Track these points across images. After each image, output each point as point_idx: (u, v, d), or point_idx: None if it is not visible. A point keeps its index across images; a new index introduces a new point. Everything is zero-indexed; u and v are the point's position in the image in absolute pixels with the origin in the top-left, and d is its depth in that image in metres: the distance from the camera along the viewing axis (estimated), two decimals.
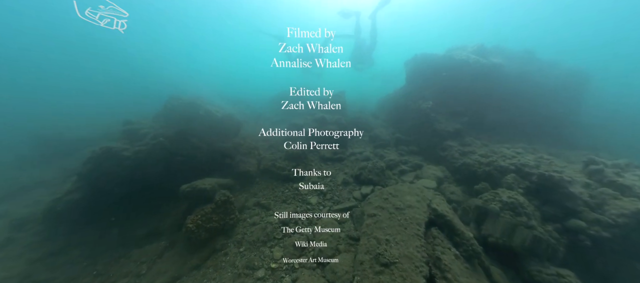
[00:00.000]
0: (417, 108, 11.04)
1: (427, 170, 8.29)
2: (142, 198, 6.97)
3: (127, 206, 6.98)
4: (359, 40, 23.14)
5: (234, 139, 8.94)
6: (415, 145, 10.59)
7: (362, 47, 23.15)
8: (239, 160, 7.96)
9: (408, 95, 12.75)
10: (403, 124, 12.35)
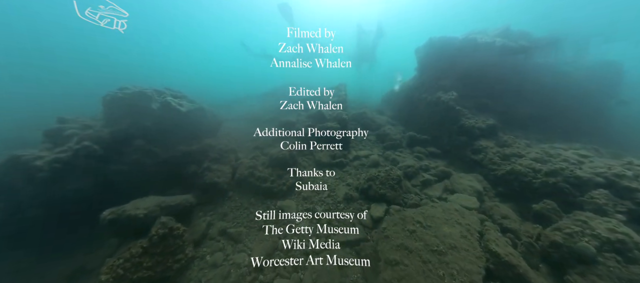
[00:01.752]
0: (436, 100, 8.97)
1: (459, 180, 6.21)
2: (63, 224, 4.96)
3: (44, 234, 4.98)
4: (362, 39, 21.65)
5: (205, 140, 6.90)
6: (436, 145, 8.52)
7: (365, 45, 21.74)
8: (206, 167, 5.92)
9: (421, 86, 10.69)
10: (416, 120, 10.28)
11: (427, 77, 10.31)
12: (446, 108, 8.39)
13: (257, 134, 10.51)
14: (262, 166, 6.22)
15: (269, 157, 6.28)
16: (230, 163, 6.42)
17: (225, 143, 6.98)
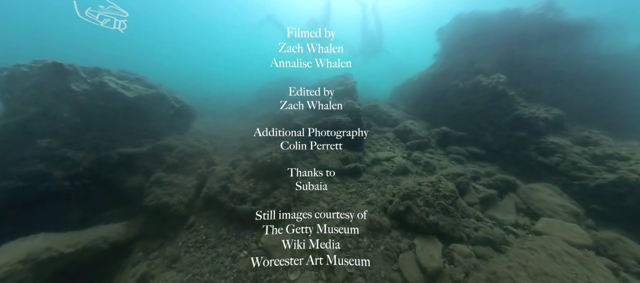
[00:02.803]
0: (474, 87, 6.95)
1: (534, 195, 4.17)
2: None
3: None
4: (367, 31, 20.21)
5: (165, 139, 4.87)
6: (476, 143, 6.48)
7: (370, 37, 20.36)
8: (155, 180, 3.88)
9: (448, 72, 8.66)
10: (443, 113, 8.24)
11: (457, 60, 8.30)
12: (492, 95, 6.35)
13: (246, 131, 8.54)
14: (242, 177, 4.18)
15: (252, 163, 4.23)
16: (197, 173, 4.38)
17: (193, 143, 4.92)
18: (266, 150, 4.29)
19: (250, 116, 11.65)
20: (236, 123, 10.81)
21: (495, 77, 6.45)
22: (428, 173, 5.37)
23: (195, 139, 5.18)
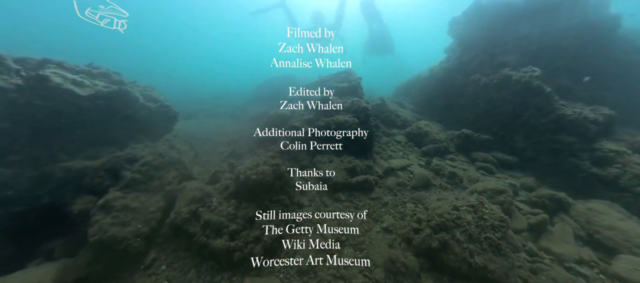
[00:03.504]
0: (501, 82, 5.99)
1: (596, 219, 3.23)
2: None
3: None
4: (373, 28, 19.21)
5: (128, 147, 3.93)
6: (504, 149, 5.55)
7: (377, 35, 19.39)
8: (103, 204, 2.95)
9: (464, 66, 7.71)
10: (460, 113, 7.32)
11: (476, 53, 7.32)
12: (524, 92, 5.40)
13: (238, 133, 7.59)
14: (222, 196, 3.23)
15: (235, 178, 3.28)
16: (165, 191, 3.44)
17: (164, 151, 3.97)
18: (253, 162, 3.34)
19: (244, 116, 10.70)
20: (229, 124, 9.87)
21: (528, 70, 5.49)
22: (453, 187, 4.43)
23: (169, 145, 4.24)
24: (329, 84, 7.59)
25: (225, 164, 4.73)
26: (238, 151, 5.80)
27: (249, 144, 6.10)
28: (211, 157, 5.73)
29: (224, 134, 8.02)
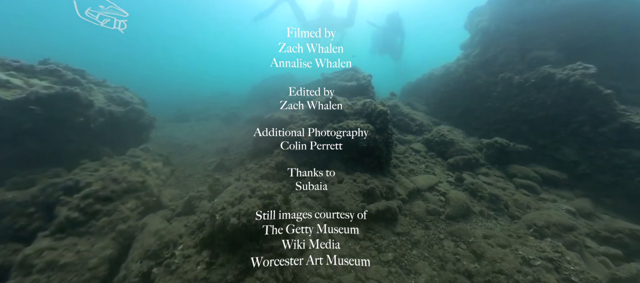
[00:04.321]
0: (542, 81, 5.05)
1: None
2: None
3: None
4: (391, 36, 18.87)
5: (83, 167, 2.96)
6: (548, 161, 4.60)
7: (387, 36, 19.02)
8: (22, 264, 1.95)
9: (489, 63, 6.76)
10: (484, 116, 6.38)
11: (503, 47, 6.37)
12: (573, 93, 4.45)
13: (228, 140, 6.64)
14: (192, 243, 2.26)
15: (210, 219, 2.30)
16: (115, 232, 2.46)
17: (121, 174, 2.99)
18: (236, 192, 2.37)
19: (238, 120, 9.73)
20: (221, 128, 8.90)
21: (577, 67, 4.53)
22: (498, 214, 3.48)
23: (132, 163, 3.25)
24: (333, 83, 6.64)
25: (207, 183, 3.76)
26: (227, 163, 4.83)
27: (240, 154, 5.13)
28: (194, 170, 4.76)
29: (213, 140, 7.05)
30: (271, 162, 3.77)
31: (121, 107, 4.11)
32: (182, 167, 4.94)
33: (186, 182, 4.18)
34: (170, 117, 11.40)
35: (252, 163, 4.22)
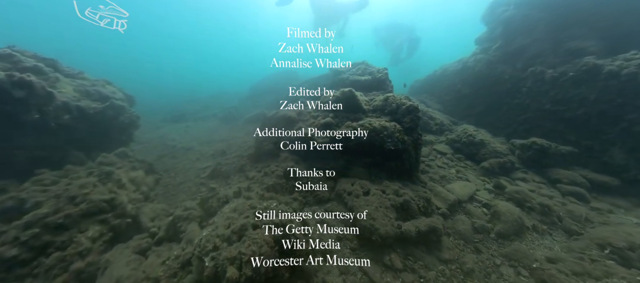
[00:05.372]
0: (584, 75, 4.44)
1: None
2: None
3: None
4: None
5: (33, 182, 2.24)
6: (593, 165, 3.99)
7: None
8: None
9: (511, 57, 6.17)
10: (509, 115, 5.77)
11: (532, 39, 5.77)
12: (623, 88, 3.84)
13: (226, 141, 5.95)
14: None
15: (197, 259, 1.60)
16: (70, 271, 1.75)
17: (83, 190, 2.28)
18: (235, 220, 1.70)
19: (237, 118, 9.02)
20: (219, 128, 8.19)
21: (634, 56, 3.92)
22: (552, 229, 2.86)
23: (102, 174, 2.53)
24: (344, 78, 5.99)
25: (200, 195, 3.07)
26: (223, 168, 4.14)
27: (239, 158, 4.44)
28: (186, 177, 4.07)
29: (210, 141, 6.35)
30: (277, 168, 3.10)
31: (99, 103, 3.40)
32: (173, 173, 4.25)
33: (175, 193, 3.49)
34: (167, 116, 10.70)
35: (254, 170, 3.54)
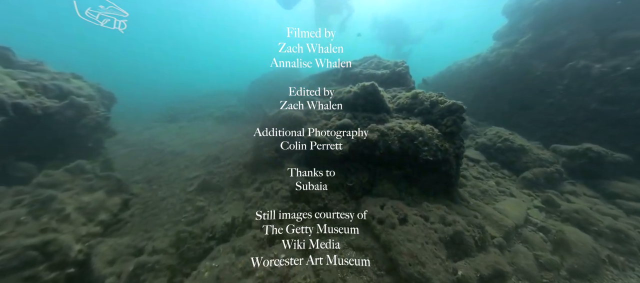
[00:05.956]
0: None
1: None
2: None
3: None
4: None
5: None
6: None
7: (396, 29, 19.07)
8: None
9: (547, 49, 5.49)
10: (542, 116, 5.09)
11: (570, 30, 5.09)
12: None
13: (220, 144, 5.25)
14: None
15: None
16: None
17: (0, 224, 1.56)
18: None
19: (234, 119, 8.29)
20: (214, 129, 7.47)
21: None
22: (630, 260, 2.19)
23: (34, 203, 1.79)
24: (356, 72, 5.31)
25: (182, 221, 2.37)
26: (215, 179, 3.44)
27: (234, 165, 3.74)
28: (171, 191, 3.35)
29: (203, 144, 5.64)
30: (282, 186, 2.40)
31: (56, 101, 2.69)
32: (156, 185, 3.54)
33: (155, 213, 2.78)
34: (161, 115, 9.98)
35: (252, 185, 2.85)
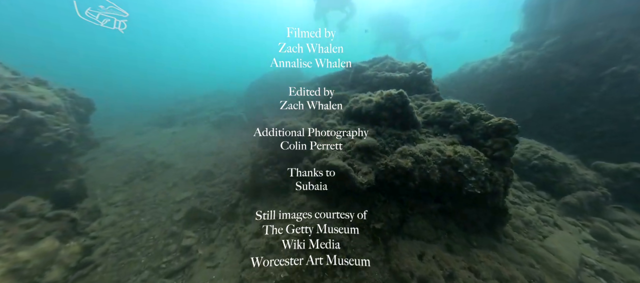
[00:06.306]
0: None
1: None
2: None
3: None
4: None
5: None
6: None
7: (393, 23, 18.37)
8: None
9: (579, 52, 4.97)
10: (579, 127, 4.59)
11: (607, 31, 4.57)
12: None
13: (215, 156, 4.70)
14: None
15: None
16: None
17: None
18: None
19: (232, 123, 7.70)
20: (210, 135, 6.90)
21: None
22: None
23: None
24: (368, 75, 4.78)
25: (166, 262, 1.85)
26: (207, 204, 2.90)
27: (230, 185, 3.20)
28: (154, 218, 2.80)
29: (197, 154, 5.08)
30: (294, 228, 1.87)
31: (5, 117, 2.14)
32: (138, 210, 2.99)
33: (131, 253, 2.24)
34: (155, 119, 9.38)
35: (249, 228, 2.30)
